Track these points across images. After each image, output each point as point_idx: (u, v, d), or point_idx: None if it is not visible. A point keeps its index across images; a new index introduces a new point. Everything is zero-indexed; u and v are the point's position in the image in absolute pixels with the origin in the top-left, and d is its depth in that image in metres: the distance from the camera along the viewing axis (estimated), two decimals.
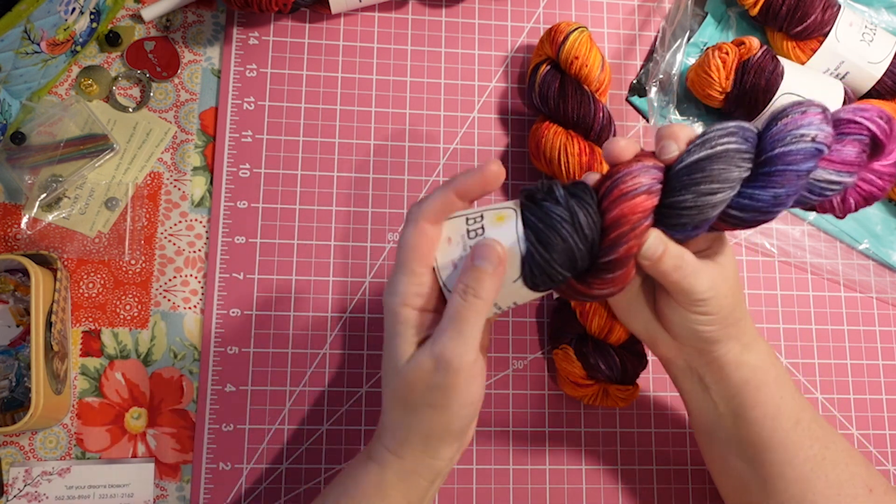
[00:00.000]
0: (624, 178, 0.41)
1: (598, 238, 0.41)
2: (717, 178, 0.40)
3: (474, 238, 0.42)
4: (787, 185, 0.40)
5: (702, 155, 0.41)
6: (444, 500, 0.58)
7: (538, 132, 0.60)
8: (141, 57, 0.62)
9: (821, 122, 0.40)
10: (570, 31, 0.59)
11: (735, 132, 0.41)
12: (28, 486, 0.55)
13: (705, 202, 0.40)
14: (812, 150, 0.40)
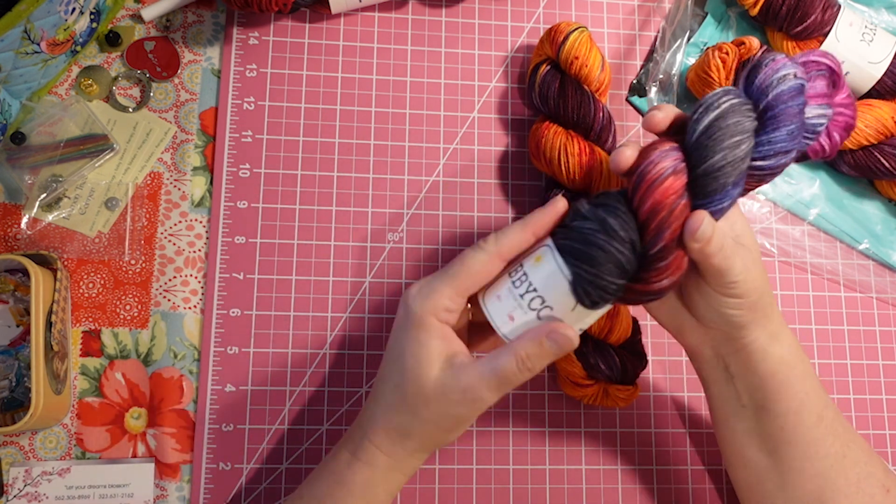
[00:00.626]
0: (647, 169, 0.42)
1: (637, 236, 0.41)
2: (736, 131, 0.42)
3: (520, 287, 0.42)
4: (794, 120, 0.43)
5: (712, 117, 0.42)
6: (444, 499, 0.58)
7: (538, 132, 0.60)
8: (141, 57, 0.62)
9: (791, 63, 0.44)
10: (570, 31, 0.59)
11: (728, 91, 0.43)
12: (28, 486, 0.55)
13: (735, 156, 0.42)
14: (798, 86, 0.43)
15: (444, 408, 0.43)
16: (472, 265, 0.43)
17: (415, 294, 0.43)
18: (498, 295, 0.43)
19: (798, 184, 0.66)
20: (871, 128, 0.62)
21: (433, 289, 0.43)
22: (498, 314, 0.43)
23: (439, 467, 0.58)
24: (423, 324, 0.43)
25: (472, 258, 0.43)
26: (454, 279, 0.43)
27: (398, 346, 0.44)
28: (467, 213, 0.62)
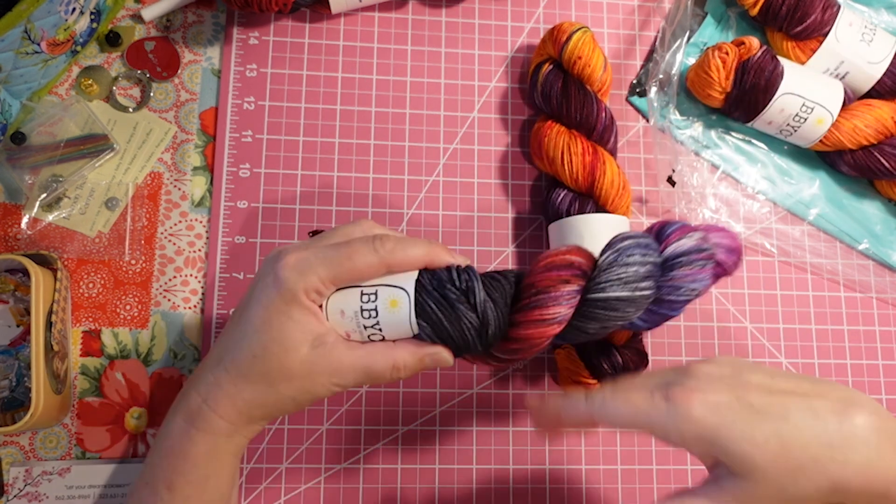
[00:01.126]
0: (546, 303, 0.42)
1: (497, 338, 0.43)
2: (625, 317, 0.44)
3: (367, 319, 0.42)
4: (676, 311, 0.45)
5: (620, 295, 0.43)
6: (444, 499, 0.58)
7: (540, 131, 0.60)
8: (141, 57, 0.62)
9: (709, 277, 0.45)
10: (573, 31, 0.59)
11: (650, 275, 0.44)
12: (28, 485, 0.55)
13: (605, 331, 0.44)
14: (694, 296, 0.45)
15: (307, 385, 0.41)
16: (359, 263, 0.40)
17: (291, 266, 0.40)
18: (342, 311, 0.42)
19: (798, 184, 0.66)
20: (871, 128, 0.62)
21: (310, 267, 0.40)
22: (337, 326, 0.42)
23: (439, 467, 0.58)
24: (297, 300, 0.40)
25: (362, 257, 0.40)
26: (335, 267, 0.40)
27: (260, 313, 0.41)
28: (467, 213, 0.62)
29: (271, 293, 0.41)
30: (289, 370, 0.41)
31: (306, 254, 0.41)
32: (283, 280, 0.40)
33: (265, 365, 0.41)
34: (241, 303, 0.44)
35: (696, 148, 0.66)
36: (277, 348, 0.41)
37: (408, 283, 0.42)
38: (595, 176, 0.58)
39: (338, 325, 0.42)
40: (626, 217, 0.59)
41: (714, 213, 0.64)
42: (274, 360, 0.41)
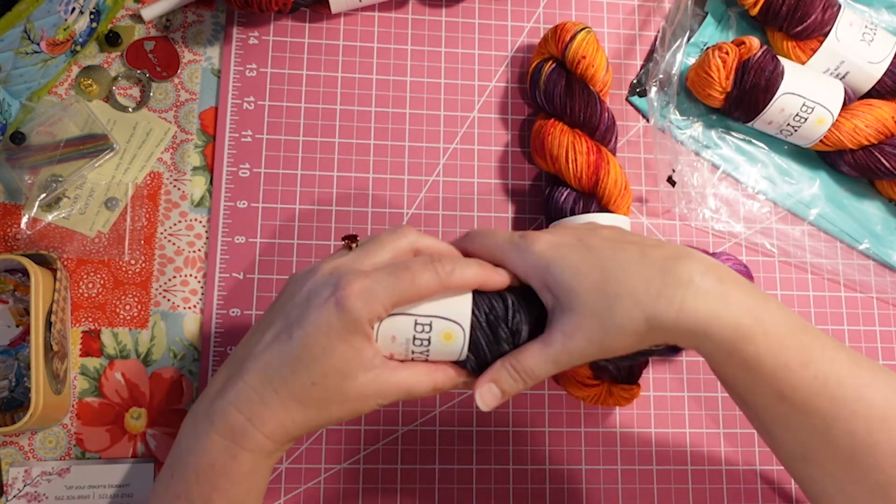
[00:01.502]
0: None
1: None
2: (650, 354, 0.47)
3: (418, 346, 0.42)
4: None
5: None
6: (444, 499, 0.58)
7: (543, 130, 0.60)
8: (141, 57, 0.62)
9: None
10: (577, 31, 0.59)
11: None
12: (28, 486, 0.55)
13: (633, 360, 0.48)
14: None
15: (357, 407, 0.42)
16: (421, 286, 0.41)
17: (356, 295, 0.40)
18: (394, 336, 0.42)
19: (798, 184, 0.66)
20: (872, 128, 0.62)
21: (376, 296, 0.40)
22: (383, 348, 0.42)
23: (439, 467, 0.58)
24: (361, 330, 0.40)
25: (424, 279, 0.41)
26: (399, 293, 0.40)
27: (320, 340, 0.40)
28: (467, 213, 0.62)
29: (333, 320, 0.40)
30: (345, 396, 0.41)
31: (370, 281, 0.40)
32: (349, 310, 0.39)
33: (323, 392, 0.41)
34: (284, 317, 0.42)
35: (696, 148, 0.66)
36: (337, 377, 0.41)
37: (463, 317, 0.42)
38: (599, 175, 0.58)
39: (385, 347, 0.42)
40: (627, 217, 0.59)
41: (714, 213, 0.64)
42: (332, 387, 0.41)
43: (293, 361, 0.41)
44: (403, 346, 0.42)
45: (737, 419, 0.61)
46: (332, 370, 0.40)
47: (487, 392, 0.43)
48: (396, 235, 0.43)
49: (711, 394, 0.62)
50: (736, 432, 0.61)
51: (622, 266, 0.41)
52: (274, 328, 0.42)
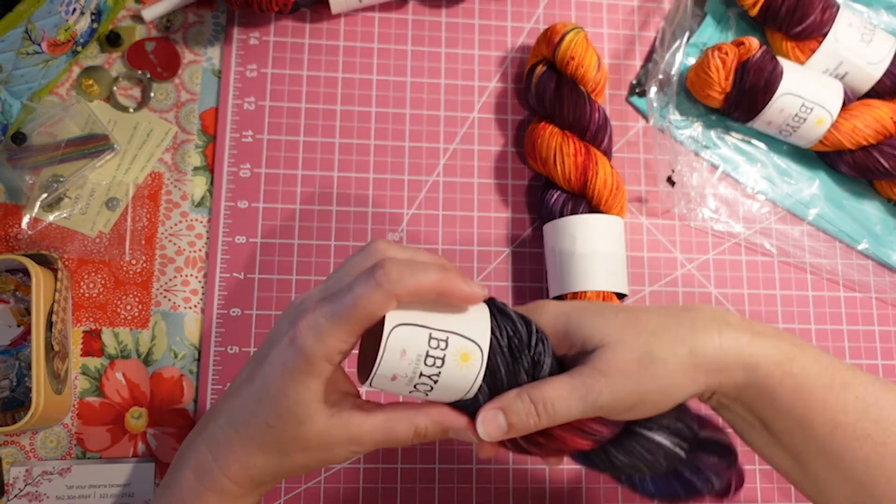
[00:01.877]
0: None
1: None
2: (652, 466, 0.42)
3: (430, 367, 0.37)
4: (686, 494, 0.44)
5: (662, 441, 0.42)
6: (444, 499, 0.58)
7: (534, 132, 0.60)
8: (141, 57, 0.62)
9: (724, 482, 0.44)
10: (566, 32, 0.59)
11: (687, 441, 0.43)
12: (29, 485, 0.55)
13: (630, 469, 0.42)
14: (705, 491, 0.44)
15: (324, 455, 0.39)
16: (368, 307, 0.36)
17: (305, 331, 0.36)
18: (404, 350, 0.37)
19: (797, 184, 0.66)
20: (870, 128, 0.62)
21: (325, 331, 0.36)
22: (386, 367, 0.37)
23: (439, 467, 0.58)
24: (314, 369, 0.37)
25: (368, 300, 0.36)
26: (348, 322, 0.36)
27: (275, 381, 0.38)
28: (467, 213, 0.63)
29: (287, 359, 0.37)
30: (305, 441, 0.38)
31: (315, 316, 0.37)
32: (300, 348, 0.37)
33: (279, 435, 0.38)
34: (254, 359, 0.40)
35: (696, 148, 0.66)
36: (293, 420, 0.38)
37: (482, 338, 0.38)
38: (587, 176, 0.58)
39: (389, 366, 0.37)
40: (620, 217, 0.59)
41: (713, 214, 0.64)
42: (289, 430, 0.38)
43: (253, 402, 0.39)
44: (412, 365, 0.37)
45: None
46: (286, 412, 0.38)
47: (493, 419, 0.38)
48: (363, 256, 0.39)
49: None
50: None
51: (646, 311, 0.40)
52: (247, 366, 0.41)
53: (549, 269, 0.59)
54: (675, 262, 0.64)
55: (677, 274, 0.64)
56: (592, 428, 0.41)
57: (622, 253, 0.59)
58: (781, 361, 0.39)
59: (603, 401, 0.38)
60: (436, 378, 0.37)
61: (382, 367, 0.37)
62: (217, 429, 0.40)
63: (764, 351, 0.39)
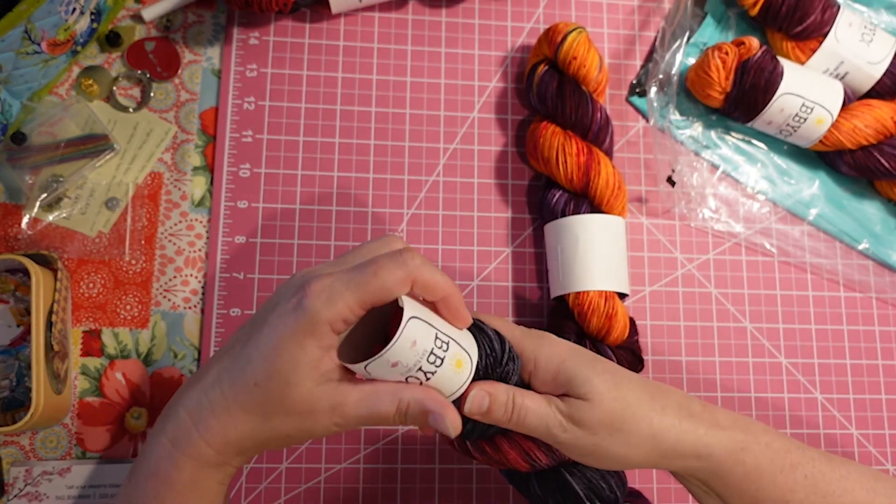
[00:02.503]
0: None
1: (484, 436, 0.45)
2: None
3: (430, 364, 0.39)
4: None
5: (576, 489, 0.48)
6: (443, 499, 0.58)
7: (536, 132, 0.60)
8: (141, 57, 0.62)
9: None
10: (568, 32, 0.59)
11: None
12: (28, 485, 0.55)
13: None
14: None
15: (306, 423, 0.39)
16: (388, 280, 0.37)
17: (316, 293, 0.37)
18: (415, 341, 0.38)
19: (798, 184, 0.66)
20: (871, 128, 0.62)
21: (338, 293, 0.37)
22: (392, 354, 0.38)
23: (439, 467, 0.58)
24: (317, 331, 0.37)
25: (390, 273, 0.37)
26: (364, 291, 0.37)
27: (272, 340, 0.38)
28: (467, 213, 0.62)
29: (289, 320, 0.37)
30: (289, 404, 0.38)
31: (332, 280, 0.37)
32: (307, 308, 0.37)
33: (265, 395, 0.38)
34: (251, 323, 0.40)
35: (696, 148, 0.66)
36: (281, 380, 0.38)
37: (473, 351, 0.41)
38: (590, 176, 0.58)
39: (399, 351, 0.37)
40: (621, 217, 0.59)
41: (713, 213, 0.64)
42: (274, 390, 0.38)
43: (243, 362, 0.39)
44: (416, 357, 0.38)
45: None
46: (277, 372, 0.37)
47: (480, 399, 0.41)
48: (380, 242, 0.41)
49: (711, 394, 0.62)
50: None
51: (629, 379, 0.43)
52: (240, 331, 0.41)
53: (550, 269, 0.59)
54: (675, 262, 0.64)
55: (677, 274, 0.64)
56: (535, 454, 0.46)
57: (624, 253, 0.59)
58: (734, 451, 0.43)
59: (563, 439, 0.42)
60: (430, 375, 0.39)
61: (393, 350, 0.37)
62: (199, 392, 0.40)
63: (718, 442, 0.43)
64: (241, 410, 0.39)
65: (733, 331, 0.63)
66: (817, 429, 0.62)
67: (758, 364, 0.63)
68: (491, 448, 0.45)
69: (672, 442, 0.42)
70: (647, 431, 0.42)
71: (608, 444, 0.42)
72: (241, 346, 0.39)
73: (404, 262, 0.37)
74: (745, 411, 0.62)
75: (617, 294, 0.58)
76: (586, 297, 0.56)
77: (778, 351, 0.63)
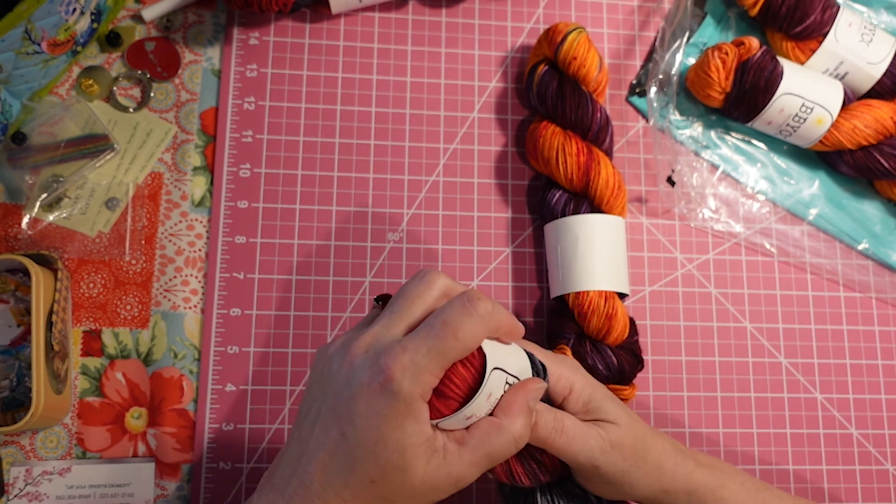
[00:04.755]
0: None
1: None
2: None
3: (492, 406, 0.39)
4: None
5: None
6: (443, 499, 0.58)
7: (536, 132, 0.60)
8: (141, 57, 0.62)
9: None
10: (568, 32, 0.59)
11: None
12: (29, 485, 0.55)
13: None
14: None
15: (431, 497, 0.38)
16: (469, 340, 0.36)
17: (402, 372, 0.35)
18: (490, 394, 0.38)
19: (797, 184, 0.66)
20: (871, 128, 0.62)
21: (423, 368, 0.36)
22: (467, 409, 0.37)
23: None
24: (412, 411, 0.36)
25: (470, 332, 0.36)
26: (447, 357, 0.36)
27: (371, 433, 0.36)
28: (467, 213, 0.63)
29: (381, 407, 0.36)
30: (411, 489, 0.37)
31: (411, 355, 0.36)
32: (397, 392, 0.35)
33: (385, 489, 0.37)
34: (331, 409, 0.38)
35: (696, 148, 0.66)
36: (396, 471, 0.36)
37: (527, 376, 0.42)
38: (590, 176, 0.58)
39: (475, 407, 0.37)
40: (621, 217, 0.59)
41: (713, 213, 0.64)
42: (394, 482, 0.37)
43: (350, 462, 0.37)
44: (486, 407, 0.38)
45: (736, 418, 0.61)
46: (389, 464, 0.36)
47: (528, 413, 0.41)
48: (424, 286, 0.39)
49: (711, 394, 0.62)
50: (735, 432, 0.61)
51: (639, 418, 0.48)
52: (322, 421, 0.38)
53: (551, 269, 0.59)
54: (675, 262, 0.64)
55: (677, 274, 0.64)
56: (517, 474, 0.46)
57: (624, 253, 0.59)
58: (715, 488, 0.47)
59: (601, 462, 0.44)
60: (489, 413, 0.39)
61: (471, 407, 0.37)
62: (314, 498, 0.38)
63: (703, 478, 0.47)
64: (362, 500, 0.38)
65: (733, 331, 0.63)
66: (817, 429, 0.62)
67: (758, 364, 0.63)
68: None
69: (670, 476, 0.46)
70: (655, 461, 0.46)
71: (632, 471, 0.45)
72: (338, 441, 0.37)
73: (479, 314, 0.37)
74: (745, 411, 0.62)
75: (617, 294, 0.58)
76: (586, 297, 0.56)
77: (778, 351, 0.63)
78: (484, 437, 0.38)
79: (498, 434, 0.38)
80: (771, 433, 0.62)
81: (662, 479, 0.46)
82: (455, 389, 0.37)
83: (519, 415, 0.39)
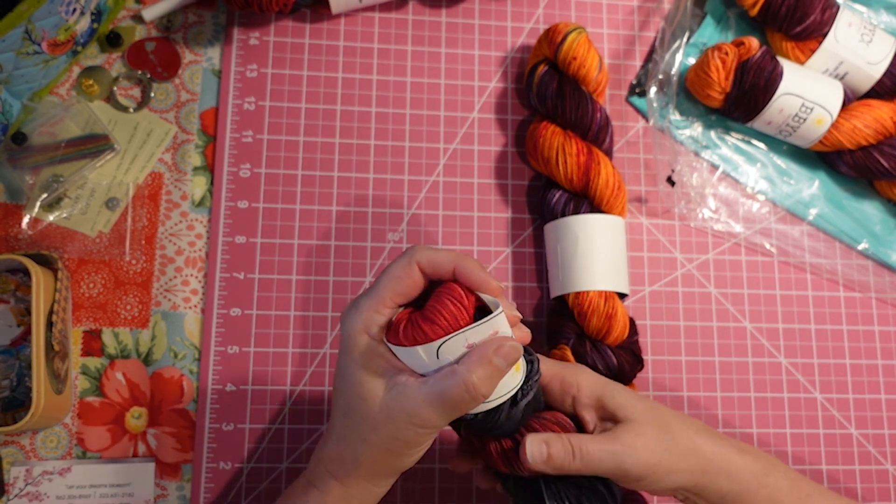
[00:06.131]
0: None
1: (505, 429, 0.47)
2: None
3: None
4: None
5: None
6: (444, 499, 0.58)
7: (535, 132, 0.60)
8: (142, 57, 0.62)
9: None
10: (568, 32, 0.59)
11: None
12: (29, 485, 0.55)
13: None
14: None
15: (393, 431, 0.41)
16: (392, 270, 0.41)
17: (344, 314, 0.43)
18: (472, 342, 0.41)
19: (797, 184, 0.66)
20: (870, 128, 0.62)
21: (359, 305, 0.42)
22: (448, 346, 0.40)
23: (439, 467, 0.58)
24: (357, 343, 0.41)
25: (393, 265, 0.42)
26: (377, 289, 0.42)
27: (339, 372, 0.43)
28: (467, 213, 0.63)
29: (341, 348, 0.42)
30: (372, 419, 0.41)
31: (356, 300, 0.42)
32: (343, 330, 0.42)
33: (352, 419, 0.42)
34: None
35: (696, 148, 0.66)
36: (357, 401, 0.41)
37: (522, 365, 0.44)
38: (590, 176, 0.58)
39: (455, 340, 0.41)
40: (621, 217, 0.59)
41: (713, 214, 0.64)
42: (357, 412, 0.42)
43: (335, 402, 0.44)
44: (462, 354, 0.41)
45: (736, 418, 0.61)
46: (352, 395, 0.42)
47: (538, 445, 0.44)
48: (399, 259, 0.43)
49: (711, 394, 0.62)
50: (735, 432, 0.61)
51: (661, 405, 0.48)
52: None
53: (550, 269, 0.59)
54: (675, 262, 0.64)
55: (677, 274, 0.64)
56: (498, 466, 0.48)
57: (624, 253, 0.59)
58: (758, 474, 0.47)
59: (629, 464, 0.45)
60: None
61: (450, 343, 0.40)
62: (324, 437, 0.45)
63: (745, 463, 0.47)
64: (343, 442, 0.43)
65: (733, 331, 0.63)
66: (817, 429, 0.62)
67: (757, 364, 0.63)
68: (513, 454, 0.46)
69: (709, 457, 0.46)
70: (689, 446, 0.46)
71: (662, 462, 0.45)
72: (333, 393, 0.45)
73: (407, 252, 0.42)
74: (745, 411, 0.62)
75: (617, 294, 0.58)
76: (586, 297, 0.56)
77: (778, 351, 0.63)
78: (439, 378, 0.40)
79: (451, 376, 0.40)
80: (771, 433, 0.62)
81: (699, 462, 0.46)
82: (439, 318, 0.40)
83: (477, 365, 0.40)
